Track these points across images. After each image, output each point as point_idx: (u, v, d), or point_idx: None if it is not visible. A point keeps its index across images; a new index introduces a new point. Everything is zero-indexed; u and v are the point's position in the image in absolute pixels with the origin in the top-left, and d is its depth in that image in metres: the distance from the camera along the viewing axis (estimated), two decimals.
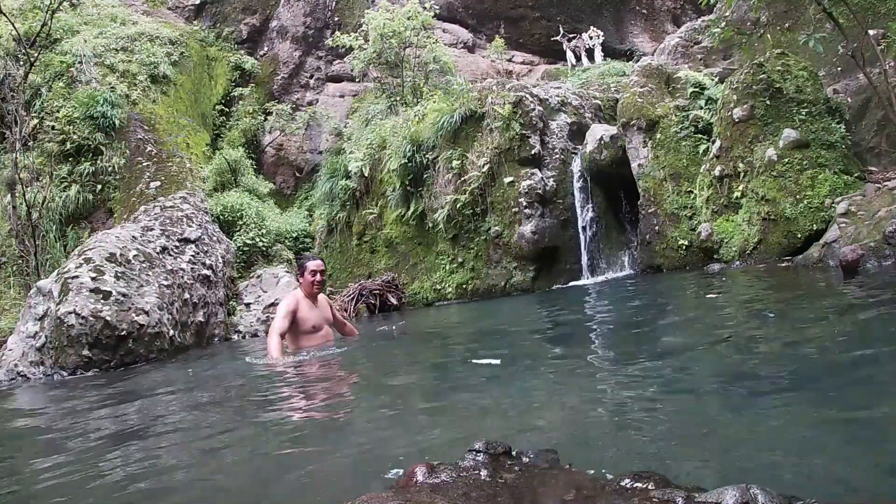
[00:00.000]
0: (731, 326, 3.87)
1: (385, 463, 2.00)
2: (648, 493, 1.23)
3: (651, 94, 8.81)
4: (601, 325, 5.16)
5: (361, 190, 11.72)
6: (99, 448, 2.84)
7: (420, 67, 13.27)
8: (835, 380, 2.35)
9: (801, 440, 1.80)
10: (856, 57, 6.56)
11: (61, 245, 9.88)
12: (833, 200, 6.35)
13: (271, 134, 15.14)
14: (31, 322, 6.72)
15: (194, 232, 8.83)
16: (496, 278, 9.57)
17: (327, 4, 16.60)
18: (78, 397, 4.79)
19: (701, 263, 7.59)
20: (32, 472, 2.61)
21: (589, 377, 3.07)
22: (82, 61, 11.50)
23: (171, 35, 13.74)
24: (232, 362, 6.39)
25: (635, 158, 8.65)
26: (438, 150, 10.24)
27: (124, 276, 6.99)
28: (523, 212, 9.25)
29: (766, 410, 2.11)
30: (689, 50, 11.57)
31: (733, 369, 2.75)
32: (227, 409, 3.62)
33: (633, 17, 16.06)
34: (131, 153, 10.84)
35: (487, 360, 3.58)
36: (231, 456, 2.51)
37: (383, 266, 11.08)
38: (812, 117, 6.98)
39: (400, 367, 4.34)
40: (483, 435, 1.69)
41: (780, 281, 5.58)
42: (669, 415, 2.22)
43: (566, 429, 2.25)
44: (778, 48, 8.02)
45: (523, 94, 9.74)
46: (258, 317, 9.01)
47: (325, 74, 16.63)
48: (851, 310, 3.75)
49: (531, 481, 1.39)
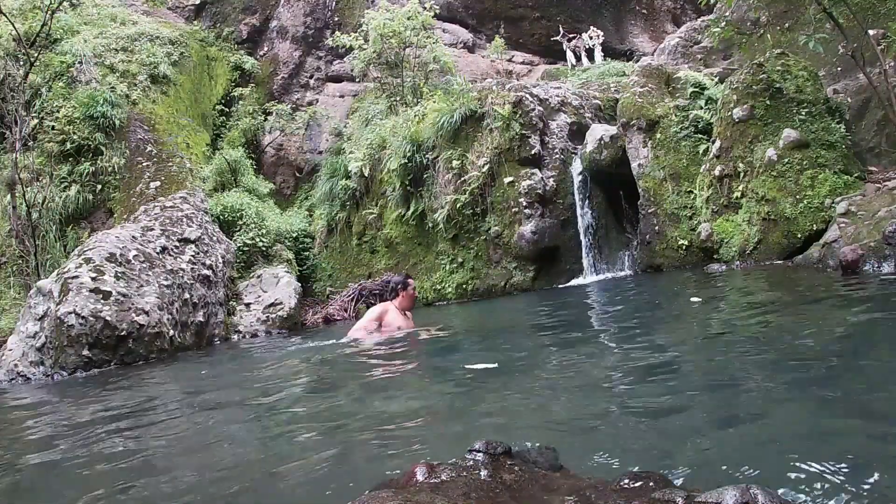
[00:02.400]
0: (730, 327, 3.87)
1: (385, 463, 2.00)
2: (648, 493, 1.23)
3: (651, 94, 8.81)
4: (601, 325, 5.16)
5: (361, 190, 11.72)
6: (99, 448, 2.84)
7: (420, 67, 13.26)
8: (834, 380, 2.35)
9: (801, 440, 1.80)
10: (856, 57, 6.56)
11: (61, 245, 9.87)
12: (833, 200, 6.35)
13: (271, 134, 15.13)
14: (31, 322, 6.72)
15: (194, 232, 8.83)
16: (496, 278, 9.57)
17: (327, 4, 16.60)
18: (78, 397, 4.79)
19: (701, 263, 7.59)
20: (32, 473, 2.61)
21: (589, 377, 3.07)
22: (82, 61, 11.50)
23: (171, 35, 13.73)
24: (233, 362, 6.40)
25: (635, 158, 8.64)
26: (438, 150, 10.24)
27: (124, 276, 6.99)
28: (523, 212, 9.25)
29: (765, 410, 2.11)
30: (689, 50, 11.58)
31: (732, 370, 2.75)
32: (227, 408, 3.62)
33: (633, 17, 16.06)
34: (131, 153, 10.83)
35: (483, 365, 3.50)
36: (230, 455, 2.51)
37: (383, 266, 11.08)
38: (812, 117, 6.98)
39: (400, 367, 4.34)
40: (483, 435, 1.69)
41: (779, 281, 5.58)
42: (669, 415, 2.22)
43: (566, 428, 2.25)
44: (778, 48, 8.02)
45: (523, 94, 9.74)
46: (258, 317, 9.01)
47: (325, 74, 16.62)
48: (851, 310, 3.75)
49: (531, 481, 1.39)
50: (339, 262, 12.11)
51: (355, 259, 11.82)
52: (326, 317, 9.53)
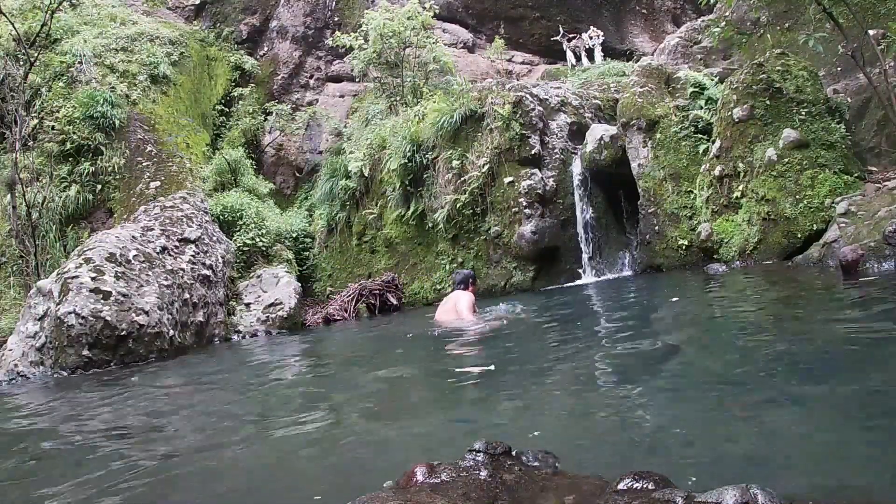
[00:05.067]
0: (730, 327, 3.87)
1: (385, 463, 2.01)
2: (648, 493, 1.23)
3: (651, 94, 8.81)
4: (600, 325, 5.16)
5: (361, 190, 11.72)
6: (99, 447, 2.84)
7: (420, 67, 13.26)
8: (834, 380, 2.35)
9: (801, 440, 1.80)
10: (856, 57, 6.56)
11: (61, 245, 9.87)
12: (833, 200, 6.35)
13: (271, 134, 15.13)
14: (31, 322, 6.72)
15: (194, 232, 8.82)
16: (496, 278, 9.57)
17: (327, 4, 16.59)
18: (78, 397, 4.79)
19: (701, 263, 7.59)
20: (33, 473, 2.61)
21: (588, 377, 3.07)
22: (82, 61, 11.49)
23: (171, 35, 13.73)
24: (233, 362, 6.40)
25: (635, 158, 8.64)
26: (438, 150, 10.24)
27: (124, 276, 6.99)
28: (523, 212, 9.25)
29: (765, 410, 2.11)
30: (689, 50, 11.58)
31: (732, 369, 2.75)
32: (227, 408, 3.62)
33: (633, 17, 16.06)
34: (131, 153, 10.83)
35: (481, 368, 3.48)
36: (231, 455, 2.51)
37: (383, 266, 11.08)
38: (812, 117, 6.98)
39: (401, 367, 4.34)
40: (483, 435, 1.69)
41: (780, 281, 5.58)
42: (669, 415, 2.22)
43: (566, 429, 2.25)
44: (778, 48, 8.02)
45: (523, 94, 9.74)
46: (258, 317, 9.00)
47: (325, 74, 16.62)
48: (851, 310, 3.75)
49: (531, 481, 1.39)
50: (339, 262, 12.10)
51: (355, 259, 11.82)
52: (326, 317, 9.52)
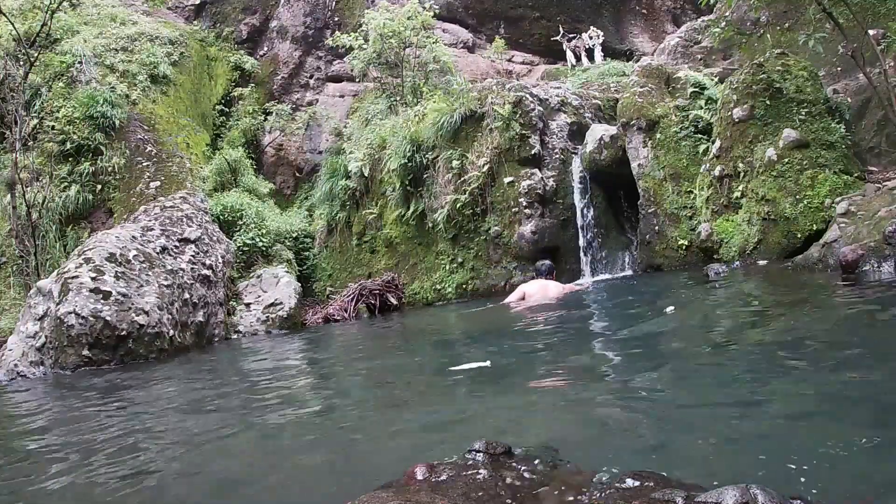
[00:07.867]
0: (729, 327, 3.87)
1: (385, 462, 2.00)
2: (648, 493, 1.23)
3: (651, 94, 8.80)
4: (600, 324, 5.16)
5: (361, 190, 11.72)
6: (98, 447, 2.84)
7: (420, 67, 13.26)
8: (835, 380, 2.35)
9: (801, 439, 1.80)
10: (856, 57, 6.56)
11: (61, 245, 9.88)
12: (833, 200, 6.34)
13: (271, 134, 15.13)
14: (31, 322, 6.72)
15: (194, 232, 8.83)
16: (496, 278, 9.57)
17: (327, 4, 16.59)
18: (78, 397, 4.79)
19: (701, 263, 7.58)
20: (32, 472, 2.61)
21: (588, 377, 3.07)
22: (82, 61, 11.49)
23: (171, 35, 13.73)
24: (233, 362, 6.40)
25: (635, 158, 8.64)
26: (438, 150, 10.24)
27: (124, 276, 6.99)
28: (523, 212, 9.25)
29: (766, 410, 2.11)
30: (689, 50, 11.58)
31: (732, 369, 2.75)
32: (227, 408, 3.62)
33: (633, 17, 16.05)
34: (131, 153, 10.83)
35: (478, 364, 3.45)
36: (230, 455, 2.51)
37: (383, 266, 11.08)
38: (812, 117, 6.98)
39: (401, 367, 4.34)
40: (482, 434, 1.69)
41: (779, 281, 5.58)
42: (669, 415, 2.22)
43: (566, 428, 2.25)
44: (778, 48, 8.01)
45: (523, 94, 9.74)
46: (258, 317, 9.00)
47: (325, 74, 16.62)
48: (851, 309, 3.75)
49: (531, 481, 1.39)
50: (339, 262, 12.10)
51: (355, 259, 11.82)
52: (326, 317, 9.52)
